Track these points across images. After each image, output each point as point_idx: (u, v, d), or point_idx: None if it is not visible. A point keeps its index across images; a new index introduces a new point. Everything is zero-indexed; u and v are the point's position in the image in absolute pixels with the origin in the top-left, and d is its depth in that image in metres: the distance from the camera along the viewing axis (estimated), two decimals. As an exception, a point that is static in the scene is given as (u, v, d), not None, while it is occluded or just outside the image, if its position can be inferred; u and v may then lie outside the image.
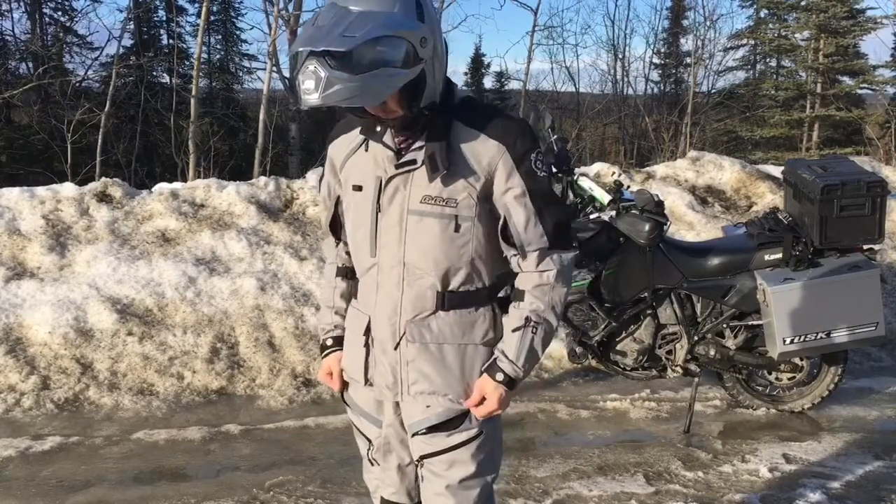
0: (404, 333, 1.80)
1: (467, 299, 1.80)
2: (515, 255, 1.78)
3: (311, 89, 1.55)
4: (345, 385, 2.01)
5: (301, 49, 1.56)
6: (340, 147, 1.87)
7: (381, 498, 2.01)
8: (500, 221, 1.75)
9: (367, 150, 1.79)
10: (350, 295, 1.98)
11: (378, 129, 1.74)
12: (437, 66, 1.68)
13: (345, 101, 1.57)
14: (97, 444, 3.58)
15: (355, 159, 1.83)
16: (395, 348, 1.81)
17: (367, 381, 1.90)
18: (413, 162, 1.72)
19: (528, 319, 1.77)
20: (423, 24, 1.62)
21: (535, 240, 1.76)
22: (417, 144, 1.72)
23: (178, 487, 3.19)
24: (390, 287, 1.80)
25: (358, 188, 1.80)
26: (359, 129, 1.80)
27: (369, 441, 2.00)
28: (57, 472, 3.32)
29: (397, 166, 1.73)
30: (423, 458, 1.86)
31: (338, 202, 1.92)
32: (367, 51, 1.54)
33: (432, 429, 1.83)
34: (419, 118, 1.70)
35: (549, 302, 1.79)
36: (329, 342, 2.03)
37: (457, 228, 1.73)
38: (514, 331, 1.78)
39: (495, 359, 1.79)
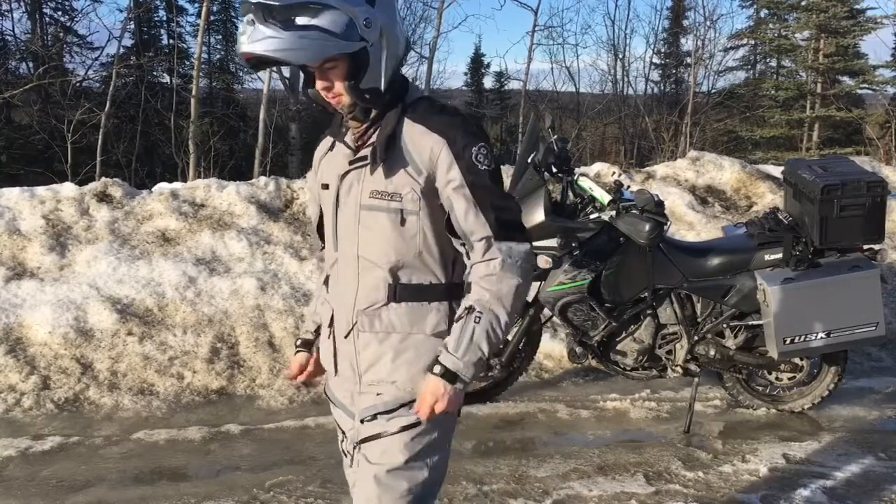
0: (356, 323, 1.84)
1: (420, 293, 1.81)
2: (463, 246, 1.79)
3: (244, 40, 1.62)
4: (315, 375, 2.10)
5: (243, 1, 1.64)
6: (319, 151, 1.97)
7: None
8: (446, 215, 1.78)
9: (333, 151, 1.89)
10: None
11: (342, 129, 1.84)
12: (385, 55, 1.72)
13: (271, 53, 1.62)
14: (97, 444, 3.58)
15: (326, 160, 1.91)
16: (347, 337, 1.86)
17: (336, 371, 1.94)
18: (364, 158, 1.78)
19: (470, 308, 1.75)
20: (370, 8, 1.68)
21: (478, 229, 1.74)
22: (371, 141, 1.78)
23: (178, 487, 3.19)
24: (348, 279, 1.85)
25: (325, 186, 1.88)
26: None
27: (343, 432, 2.01)
28: (57, 472, 3.32)
29: (351, 162, 1.80)
30: (360, 442, 1.86)
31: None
32: (301, 10, 1.62)
33: (377, 415, 1.83)
34: (368, 112, 1.77)
35: (495, 292, 1.74)
36: (298, 342, 2.11)
37: (402, 222, 1.76)
38: (456, 321, 1.78)
39: (438, 353, 1.78)
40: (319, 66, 1.69)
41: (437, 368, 1.75)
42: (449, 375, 1.74)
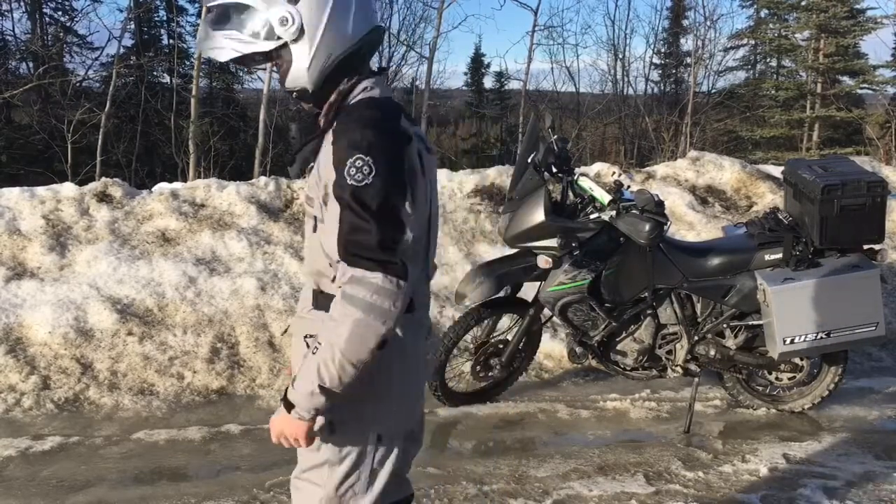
0: (289, 326, 1.89)
1: (330, 302, 1.66)
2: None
3: (196, 39, 1.72)
4: None
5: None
6: None
7: None
8: None
9: None
10: None
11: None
12: (316, 55, 1.67)
13: (201, 49, 1.75)
14: (97, 444, 3.58)
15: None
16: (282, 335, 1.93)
17: None
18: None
19: (315, 337, 1.64)
20: (291, 6, 1.66)
21: (334, 251, 1.63)
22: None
23: (178, 487, 3.19)
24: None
25: None
26: None
27: None
28: (57, 472, 3.32)
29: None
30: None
31: None
32: (226, 11, 1.71)
33: None
34: (316, 115, 1.76)
35: (333, 326, 1.59)
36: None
37: (315, 228, 1.74)
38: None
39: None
40: (262, 69, 1.76)
41: (282, 393, 1.74)
42: (286, 402, 1.70)
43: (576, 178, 3.74)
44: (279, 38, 1.68)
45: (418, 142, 1.72)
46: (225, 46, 1.70)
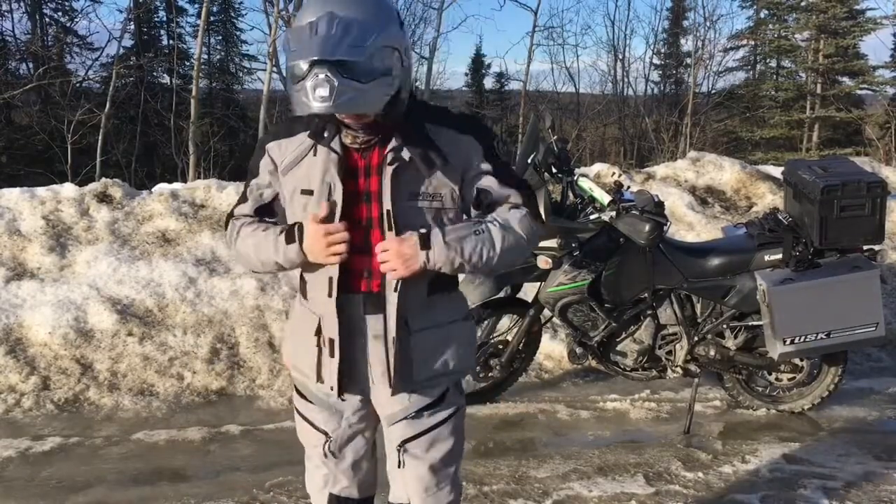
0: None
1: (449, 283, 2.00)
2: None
3: (326, 97, 1.59)
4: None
5: (314, 58, 1.59)
6: (286, 150, 1.87)
7: (330, 494, 2.03)
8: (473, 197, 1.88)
9: (315, 155, 1.81)
10: None
11: (326, 134, 1.79)
12: (410, 74, 1.78)
13: (354, 109, 1.65)
14: (97, 444, 3.58)
15: (304, 163, 1.83)
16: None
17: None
18: (396, 160, 1.76)
19: (479, 221, 1.84)
20: (403, 33, 1.72)
21: (509, 197, 1.92)
22: (392, 146, 1.76)
23: (178, 488, 3.19)
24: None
25: (308, 192, 1.82)
26: (305, 133, 1.83)
27: (326, 435, 2.00)
28: (57, 472, 3.32)
29: (388, 164, 1.77)
30: (405, 441, 1.93)
31: (276, 197, 1.93)
32: (373, 60, 1.62)
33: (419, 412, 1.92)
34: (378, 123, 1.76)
35: (503, 227, 1.83)
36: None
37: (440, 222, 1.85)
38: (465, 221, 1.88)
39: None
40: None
41: (422, 230, 1.77)
42: (423, 238, 1.76)
43: (576, 178, 3.74)
44: (405, 67, 1.71)
45: None
46: (382, 95, 1.65)
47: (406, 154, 1.76)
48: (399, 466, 1.95)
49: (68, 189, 5.30)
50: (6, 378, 4.05)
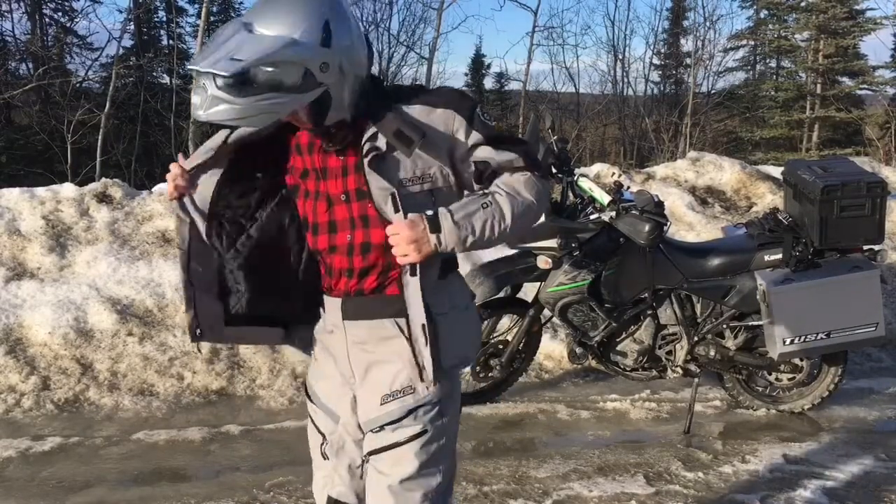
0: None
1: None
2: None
3: (198, 105, 1.57)
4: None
5: (192, 66, 1.57)
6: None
7: (328, 497, 2.00)
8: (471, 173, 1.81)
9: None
10: None
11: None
12: (347, 86, 1.67)
13: (228, 121, 1.59)
14: (97, 444, 3.58)
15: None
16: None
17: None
18: (372, 151, 1.71)
19: (485, 194, 1.75)
20: (326, 49, 1.60)
21: (510, 161, 1.82)
22: (367, 136, 1.71)
23: (178, 488, 3.19)
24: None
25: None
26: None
27: (323, 435, 1.99)
28: (57, 472, 3.32)
29: (365, 157, 1.72)
30: (369, 454, 1.85)
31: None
32: (253, 76, 1.54)
33: (383, 427, 1.82)
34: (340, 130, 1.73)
35: (511, 196, 1.75)
36: None
37: (435, 200, 1.78)
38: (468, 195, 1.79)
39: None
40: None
41: (428, 212, 1.70)
42: (433, 221, 1.68)
43: (576, 178, 3.74)
44: (321, 84, 1.61)
45: None
46: (263, 112, 1.57)
47: (381, 142, 1.70)
48: (361, 477, 1.91)
49: (68, 189, 5.30)
50: (6, 378, 4.05)
